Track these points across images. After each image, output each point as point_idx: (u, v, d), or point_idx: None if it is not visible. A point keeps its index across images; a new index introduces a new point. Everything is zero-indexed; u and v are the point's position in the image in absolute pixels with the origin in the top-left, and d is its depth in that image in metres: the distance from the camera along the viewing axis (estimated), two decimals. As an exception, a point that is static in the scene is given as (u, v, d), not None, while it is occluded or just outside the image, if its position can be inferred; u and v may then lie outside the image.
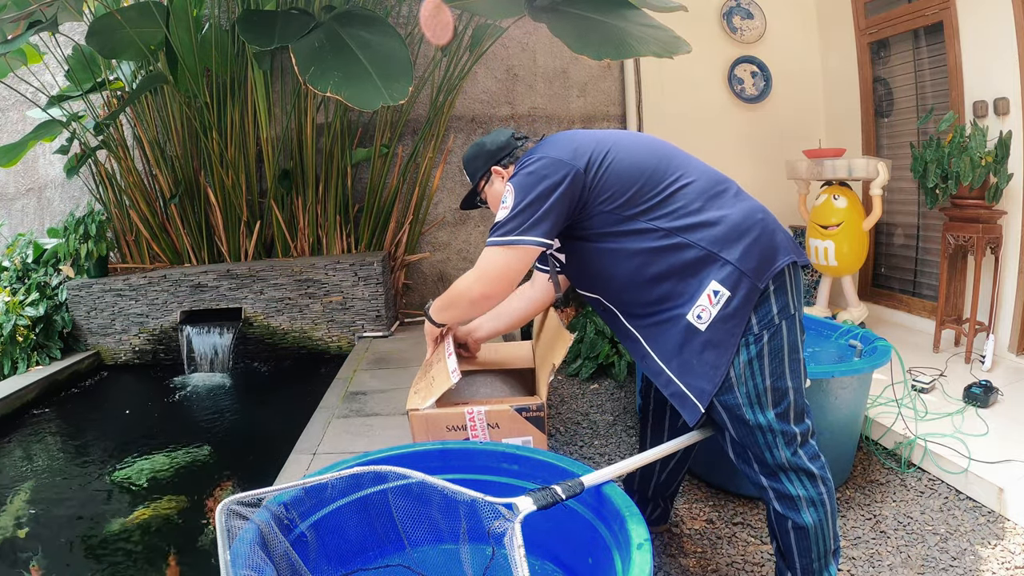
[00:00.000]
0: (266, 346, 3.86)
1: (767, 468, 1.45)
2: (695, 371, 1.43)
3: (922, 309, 3.74)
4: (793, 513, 1.44)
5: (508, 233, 1.41)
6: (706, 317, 1.40)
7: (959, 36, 3.23)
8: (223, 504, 1.19)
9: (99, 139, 3.95)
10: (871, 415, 2.54)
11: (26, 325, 3.60)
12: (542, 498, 1.24)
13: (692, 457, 1.88)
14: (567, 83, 4.31)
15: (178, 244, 4.19)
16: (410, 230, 4.28)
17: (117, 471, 2.57)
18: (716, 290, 1.39)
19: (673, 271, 1.42)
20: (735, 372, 1.41)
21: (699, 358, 1.42)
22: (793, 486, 1.43)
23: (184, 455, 2.67)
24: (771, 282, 1.40)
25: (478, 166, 1.68)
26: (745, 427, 1.43)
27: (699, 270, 1.41)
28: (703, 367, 1.42)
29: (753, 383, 1.41)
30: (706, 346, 1.41)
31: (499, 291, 1.50)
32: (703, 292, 1.40)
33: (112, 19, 3.23)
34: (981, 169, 2.92)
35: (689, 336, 1.42)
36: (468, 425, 1.87)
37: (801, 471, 1.43)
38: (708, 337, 1.40)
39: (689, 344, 1.42)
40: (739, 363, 1.41)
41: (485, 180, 1.67)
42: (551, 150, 1.47)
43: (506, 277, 1.46)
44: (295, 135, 4.02)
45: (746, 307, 1.39)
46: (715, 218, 1.41)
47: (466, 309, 1.57)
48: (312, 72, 2.72)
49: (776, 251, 1.41)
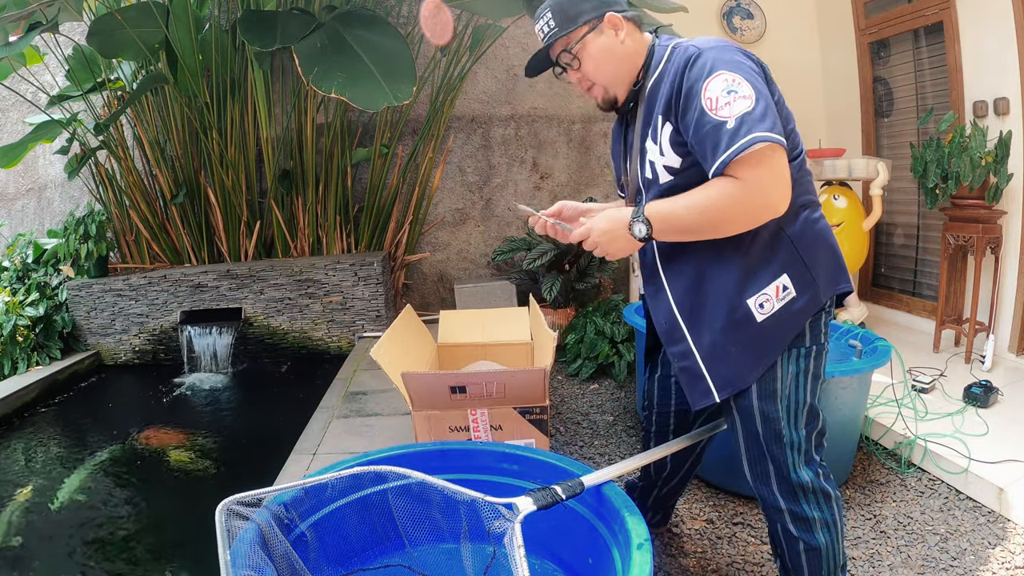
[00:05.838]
0: (266, 346, 3.86)
1: (788, 487, 1.37)
2: (728, 359, 1.31)
3: (922, 309, 3.74)
4: (807, 535, 1.38)
5: (772, 129, 1.12)
6: (767, 309, 1.28)
7: (959, 36, 3.23)
8: (223, 504, 1.19)
9: (99, 139, 3.95)
10: (871, 415, 2.54)
11: (26, 325, 3.60)
12: (542, 498, 1.24)
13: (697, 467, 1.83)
14: (567, 83, 4.31)
15: (178, 244, 4.19)
16: (410, 230, 4.28)
17: (117, 471, 2.57)
18: (786, 285, 1.28)
19: (758, 246, 1.27)
20: (782, 383, 1.31)
21: (740, 348, 1.30)
22: (811, 507, 1.37)
23: (184, 455, 2.67)
24: (831, 300, 1.34)
25: (586, 8, 1.29)
26: (778, 443, 1.34)
27: (781, 257, 1.28)
28: (741, 359, 1.30)
29: (796, 398, 1.33)
30: (754, 339, 1.29)
31: (787, 200, 1.18)
32: (774, 282, 1.28)
33: (112, 19, 3.23)
34: (981, 169, 2.92)
35: (739, 320, 1.29)
36: (471, 426, 1.87)
37: (820, 492, 1.37)
38: (759, 330, 1.28)
39: (735, 329, 1.29)
40: (787, 374, 1.31)
41: (591, 27, 1.29)
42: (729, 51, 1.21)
43: (788, 182, 1.17)
44: (295, 135, 4.02)
45: (804, 315, 1.30)
46: None
47: (730, 228, 1.21)
48: (315, 73, 2.72)
49: (841, 272, 1.35)
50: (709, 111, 1.14)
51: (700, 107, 1.15)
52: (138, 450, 2.74)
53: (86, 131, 4.00)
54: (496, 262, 4.39)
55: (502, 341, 2.47)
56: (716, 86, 1.14)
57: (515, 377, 1.79)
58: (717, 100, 1.14)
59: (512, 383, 1.81)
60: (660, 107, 1.25)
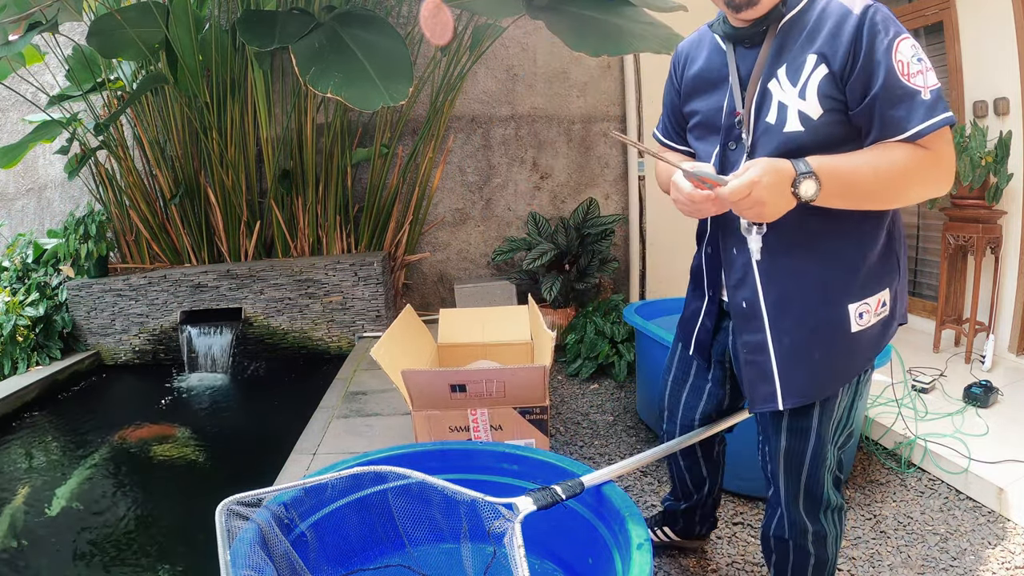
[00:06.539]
0: (266, 346, 3.86)
1: (817, 507, 1.33)
2: (807, 365, 1.20)
3: (922, 309, 3.74)
4: (821, 551, 1.37)
5: (948, 108, 1.07)
6: (865, 321, 1.20)
7: (959, 36, 3.23)
8: (223, 504, 1.19)
9: (99, 139, 3.96)
10: (871, 415, 2.54)
11: (26, 325, 3.60)
12: (542, 498, 1.24)
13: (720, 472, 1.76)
14: (567, 83, 4.31)
15: (178, 244, 4.19)
16: (410, 230, 4.29)
17: (116, 471, 2.57)
18: (885, 301, 1.22)
19: (878, 251, 1.20)
20: (839, 406, 1.25)
21: (825, 355, 1.20)
22: (829, 524, 1.36)
23: (184, 455, 2.67)
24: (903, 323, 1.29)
25: None
26: (821, 465, 1.29)
27: (890, 271, 1.22)
28: (822, 368, 1.20)
29: (846, 418, 1.29)
30: (843, 350, 1.20)
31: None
32: (878, 294, 1.21)
33: (112, 19, 3.23)
34: (981, 169, 2.92)
35: (831, 326, 1.19)
36: (471, 426, 1.87)
37: (838, 509, 1.37)
38: (851, 341, 1.20)
39: (826, 333, 1.19)
40: (846, 396, 1.25)
41: None
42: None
43: None
44: (295, 135, 4.02)
45: (888, 337, 1.24)
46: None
47: (903, 199, 1.13)
48: (312, 73, 2.72)
49: (906, 296, 1.30)
50: (901, 75, 1.05)
51: (890, 67, 1.05)
52: (137, 450, 2.74)
53: (86, 131, 4.00)
54: (496, 262, 4.39)
55: (502, 341, 2.47)
56: (906, 50, 1.07)
57: (515, 375, 1.79)
58: (909, 65, 1.06)
59: (512, 381, 1.81)
60: (816, 46, 1.10)
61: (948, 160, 1.09)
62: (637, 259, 4.29)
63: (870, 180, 1.07)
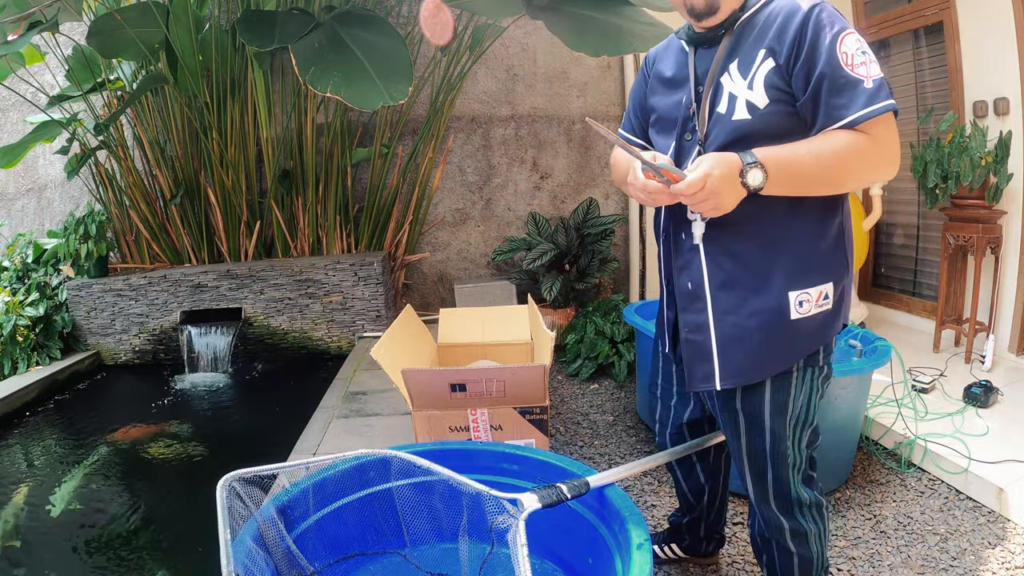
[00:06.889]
0: (266, 346, 3.86)
1: (788, 505, 1.36)
2: (745, 347, 1.25)
3: (922, 309, 3.74)
4: (803, 548, 1.39)
5: (891, 96, 1.12)
6: (805, 310, 1.23)
7: (959, 36, 3.23)
8: (224, 480, 1.17)
9: (99, 139, 3.96)
10: (871, 415, 2.54)
11: (26, 325, 3.60)
12: (547, 496, 1.24)
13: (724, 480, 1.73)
14: (567, 83, 4.31)
15: (178, 244, 4.19)
16: (410, 230, 4.29)
17: (115, 471, 2.57)
18: (827, 295, 1.25)
19: (825, 243, 1.24)
20: (794, 401, 1.29)
21: (764, 339, 1.24)
22: (807, 521, 1.38)
23: (184, 455, 2.67)
24: (845, 324, 1.32)
25: None
26: (783, 463, 1.32)
27: (836, 265, 1.26)
28: (758, 351, 1.24)
29: (803, 418, 1.32)
30: (782, 336, 1.24)
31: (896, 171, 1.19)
32: (820, 286, 1.24)
33: (112, 19, 3.23)
34: (981, 169, 2.92)
35: (771, 311, 1.23)
36: (471, 426, 1.87)
37: (815, 505, 1.39)
38: (788, 328, 1.23)
39: (766, 317, 1.23)
40: (801, 392, 1.29)
41: None
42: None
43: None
44: (295, 135, 4.02)
45: (830, 332, 1.27)
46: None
47: (847, 184, 1.18)
48: (312, 72, 2.72)
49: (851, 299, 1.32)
50: (845, 65, 1.11)
51: (834, 59, 1.11)
52: (137, 450, 2.74)
53: (86, 131, 4.00)
54: (496, 262, 4.39)
55: (502, 341, 2.47)
56: (851, 43, 1.13)
57: (515, 374, 1.79)
58: (853, 57, 1.12)
59: (512, 380, 1.81)
60: (766, 42, 1.17)
61: (889, 145, 1.14)
62: (637, 259, 4.29)
63: (812, 166, 1.13)
